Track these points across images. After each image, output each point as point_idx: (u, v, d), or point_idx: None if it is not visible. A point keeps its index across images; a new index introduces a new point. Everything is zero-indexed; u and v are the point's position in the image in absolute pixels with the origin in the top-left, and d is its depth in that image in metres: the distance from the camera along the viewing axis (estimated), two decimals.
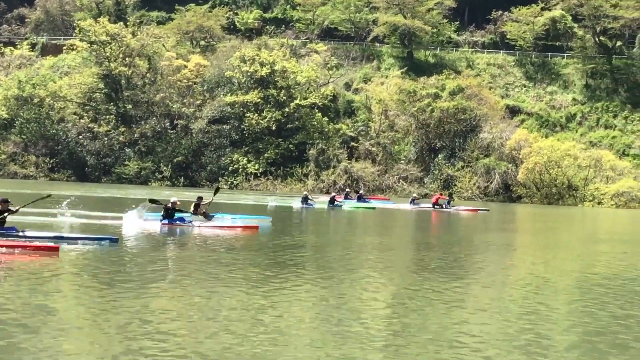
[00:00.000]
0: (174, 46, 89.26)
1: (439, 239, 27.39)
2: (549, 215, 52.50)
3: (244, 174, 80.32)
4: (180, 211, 26.11)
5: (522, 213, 57.94)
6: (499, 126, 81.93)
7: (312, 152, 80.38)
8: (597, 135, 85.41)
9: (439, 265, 17.56)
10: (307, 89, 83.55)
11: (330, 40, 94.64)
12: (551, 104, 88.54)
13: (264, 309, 10.50)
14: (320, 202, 49.11)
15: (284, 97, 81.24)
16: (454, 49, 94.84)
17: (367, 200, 54.52)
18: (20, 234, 18.20)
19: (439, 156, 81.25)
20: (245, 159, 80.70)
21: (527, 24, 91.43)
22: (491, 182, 78.88)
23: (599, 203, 76.12)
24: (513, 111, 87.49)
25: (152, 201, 26.62)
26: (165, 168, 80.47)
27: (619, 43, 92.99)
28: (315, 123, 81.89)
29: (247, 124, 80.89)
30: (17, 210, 18.87)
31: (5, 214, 18.45)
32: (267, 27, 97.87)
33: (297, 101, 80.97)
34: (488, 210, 53.18)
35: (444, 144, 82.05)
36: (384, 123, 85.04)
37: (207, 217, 27.64)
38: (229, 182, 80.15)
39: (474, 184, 78.69)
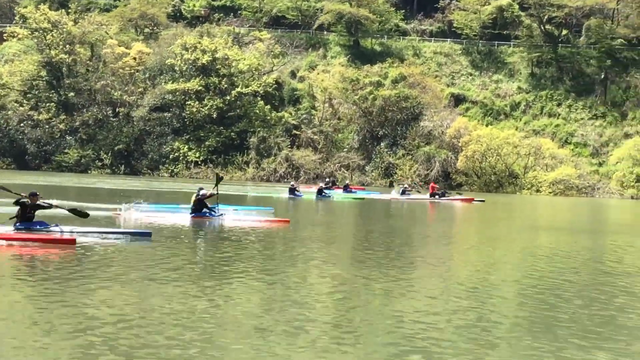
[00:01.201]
0: (117, 33, 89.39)
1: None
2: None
3: (184, 162, 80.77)
4: (205, 204, 25.77)
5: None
6: (440, 114, 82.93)
7: (253, 140, 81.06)
8: (540, 123, 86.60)
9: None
10: (251, 77, 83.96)
11: (278, 28, 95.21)
12: (496, 93, 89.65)
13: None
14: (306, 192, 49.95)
15: (226, 85, 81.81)
16: (401, 37, 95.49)
17: (353, 190, 54.78)
18: (53, 228, 17.88)
19: (381, 144, 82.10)
20: (187, 146, 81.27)
21: (474, 13, 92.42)
22: (431, 170, 79.83)
23: (537, 191, 77.34)
24: (458, 99, 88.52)
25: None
26: (105, 156, 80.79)
27: (565, 32, 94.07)
28: (258, 111, 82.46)
29: (188, 112, 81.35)
30: (50, 206, 18.52)
31: (35, 210, 18.07)
32: (216, 14, 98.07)
33: (238, 89, 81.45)
34: (483, 200, 53.28)
35: (386, 132, 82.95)
36: (327, 111, 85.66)
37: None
38: (170, 170, 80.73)
39: (414, 171, 79.57)
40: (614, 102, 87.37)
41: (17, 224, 17.70)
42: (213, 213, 25.29)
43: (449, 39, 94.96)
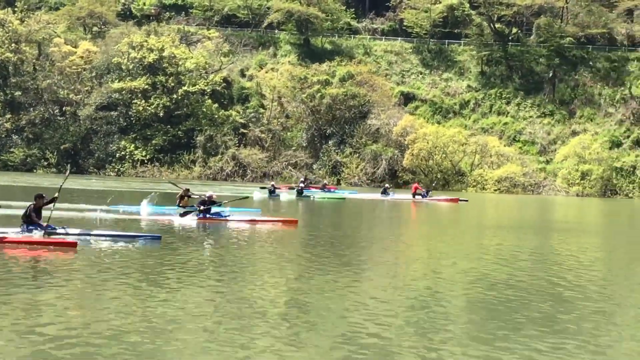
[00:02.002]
0: (65, 32, 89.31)
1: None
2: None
3: (130, 161, 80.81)
4: (214, 203, 25.64)
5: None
6: (387, 112, 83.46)
7: (200, 138, 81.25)
8: (489, 121, 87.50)
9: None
10: (199, 75, 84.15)
11: (228, 26, 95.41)
12: (446, 91, 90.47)
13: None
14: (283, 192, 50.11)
15: (173, 84, 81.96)
16: (352, 36, 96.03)
17: (331, 190, 54.98)
18: (60, 230, 17.73)
19: (329, 142, 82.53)
20: (133, 145, 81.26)
21: (425, 11, 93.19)
22: (378, 168, 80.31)
23: (482, 188, 78.03)
24: (408, 98, 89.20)
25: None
26: (50, 155, 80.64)
27: (515, 31, 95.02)
28: (205, 110, 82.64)
29: (135, 111, 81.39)
30: (51, 203, 18.28)
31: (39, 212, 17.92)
32: (167, 13, 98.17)
33: (185, 87, 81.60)
34: (467, 200, 53.59)
35: (334, 131, 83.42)
36: (276, 110, 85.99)
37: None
38: (116, 169, 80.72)
39: (361, 170, 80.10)
40: (562, 100, 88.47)
41: (25, 227, 17.58)
42: (221, 215, 25.14)
43: (399, 38, 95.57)
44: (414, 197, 52.11)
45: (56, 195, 18.11)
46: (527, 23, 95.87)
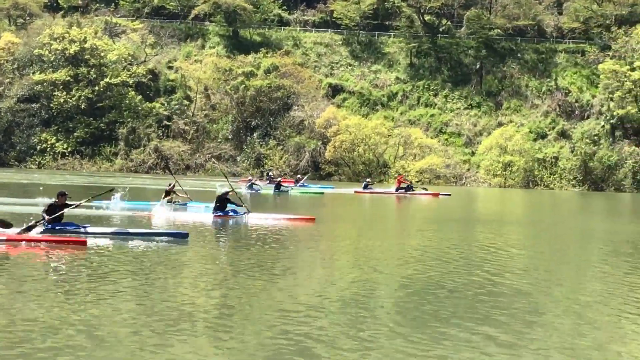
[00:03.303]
0: None
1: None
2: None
3: (52, 153, 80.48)
4: (229, 201, 25.41)
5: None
6: (311, 104, 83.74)
7: (122, 131, 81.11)
8: (416, 113, 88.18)
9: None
10: (123, 67, 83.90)
11: (157, 18, 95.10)
12: (374, 83, 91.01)
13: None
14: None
15: (95, 75, 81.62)
16: (282, 28, 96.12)
17: (305, 185, 54.84)
18: (82, 230, 17.63)
19: (254, 134, 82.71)
20: (55, 138, 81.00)
21: (356, 3, 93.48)
22: (301, 160, 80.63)
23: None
24: (336, 90, 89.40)
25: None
26: None
27: (446, 22, 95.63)
28: (128, 102, 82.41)
29: (56, 103, 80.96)
30: (77, 205, 18.47)
31: (64, 209, 17.96)
32: (95, 4, 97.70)
33: (107, 79, 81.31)
34: (449, 194, 53.58)
35: (259, 123, 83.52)
36: (201, 102, 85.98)
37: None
38: (37, 162, 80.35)
39: (284, 162, 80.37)
40: (490, 92, 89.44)
41: (47, 225, 17.49)
42: (237, 212, 24.98)
43: (329, 30, 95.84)
44: (397, 191, 52.02)
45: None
46: (458, 15, 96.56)
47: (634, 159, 79.00)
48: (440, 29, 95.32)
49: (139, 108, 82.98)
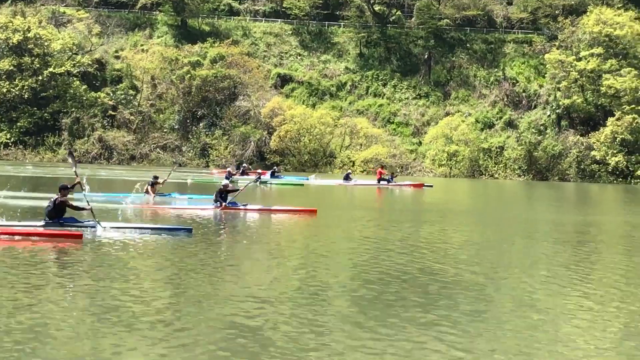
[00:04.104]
0: None
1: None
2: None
3: None
4: (228, 192, 25.32)
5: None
6: (257, 94, 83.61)
7: (65, 121, 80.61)
8: (365, 103, 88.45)
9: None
10: (69, 57, 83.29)
11: (106, 7, 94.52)
12: (324, 73, 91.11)
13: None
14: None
15: (38, 65, 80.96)
16: (232, 17, 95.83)
17: (280, 176, 54.56)
18: (87, 223, 17.51)
19: (200, 124, 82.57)
20: None
21: None
22: (246, 150, 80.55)
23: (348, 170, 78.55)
24: (285, 80, 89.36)
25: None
26: None
27: (397, 12, 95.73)
28: (73, 91, 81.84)
29: None
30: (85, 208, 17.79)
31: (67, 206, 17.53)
32: None
33: (51, 69, 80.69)
34: (432, 185, 53.39)
35: (205, 113, 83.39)
36: (149, 92, 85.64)
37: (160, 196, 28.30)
38: None
39: (230, 152, 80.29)
40: (438, 82, 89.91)
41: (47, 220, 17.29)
42: (238, 204, 24.95)
43: (280, 20, 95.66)
44: (378, 182, 51.89)
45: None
46: (408, 5, 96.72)
47: (578, 149, 79.76)
48: (391, 19, 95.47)
49: (84, 98, 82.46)
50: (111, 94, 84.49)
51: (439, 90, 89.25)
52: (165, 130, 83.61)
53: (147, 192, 28.84)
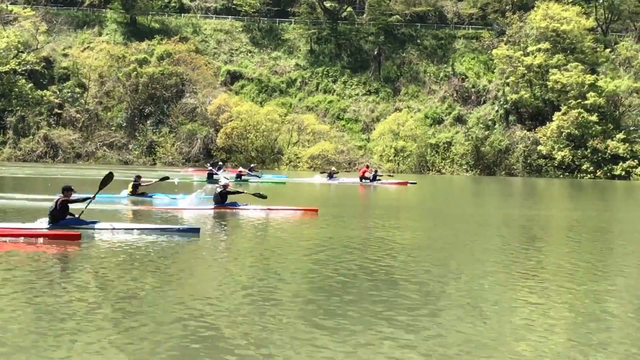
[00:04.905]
0: None
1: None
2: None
3: None
4: (229, 193, 24.58)
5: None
6: (204, 91, 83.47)
7: (10, 119, 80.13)
8: (315, 100, 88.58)
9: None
10: (14, 55, 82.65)
11: (54, 5, 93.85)
12: (274, 70, 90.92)
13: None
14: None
15: None
16: (183, 14, 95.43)
17: (258, 175, 53.23)
18: (96, 225, 17.02)
19: (148, 122, 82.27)
20: None
21: None
22: (193, 148, 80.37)
23: (294, 166, 78.66)
24: (235, 77, 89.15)
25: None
26: None
27: (348, 9, 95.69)
28: (18, 90, 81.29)
29: None
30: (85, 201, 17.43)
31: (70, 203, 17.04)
32: None
33: None
34: (415, 183, 52.89)
35: (152, 110, 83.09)
36: (96, 89, 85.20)
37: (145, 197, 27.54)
38: None
39: (176, 149, 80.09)
40: (388, 78, 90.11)
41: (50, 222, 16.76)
42: (237, 204, 24.38)
43: (230, 17, 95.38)
44: (361, 180, 51.13)
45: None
46: (360, 1, 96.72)
47: (524, 144, 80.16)
48: (342, 16, 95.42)
49: (29, 96, 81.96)
50: (58, 92, 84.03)
51: (388, 86, 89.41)
52: (112, 128, 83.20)
53: (131, 192, 28.14)
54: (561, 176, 77.73)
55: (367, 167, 60.26)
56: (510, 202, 38.16)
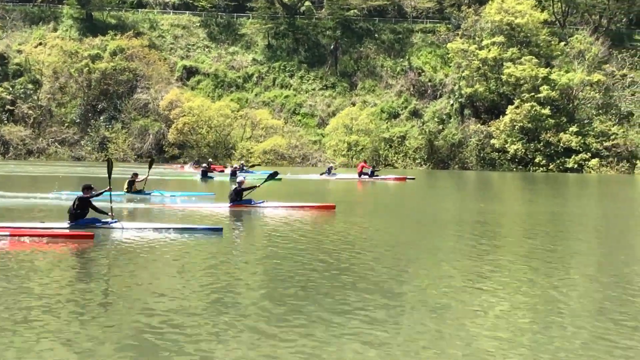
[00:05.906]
0: None
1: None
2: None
3: None
4: (244, 189, 24.67)
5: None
6: (156, 87, 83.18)
7: None
8: (271, 95, 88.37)
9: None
10: None
11: (9, 1, 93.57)
12: (231, 65, 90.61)
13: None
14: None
15: None
16: (139, 10, 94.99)
17: (250, 171, 53.02)
18: (116, 225, 17.40)
19: (100, 118, 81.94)
20: None
21: None
22: (145, 143, 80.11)
23: (246, 161, 78.19)
24: (191, 72, 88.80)
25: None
26: None
27: (307, 3, 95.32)
28: None
29: None
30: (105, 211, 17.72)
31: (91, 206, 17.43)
32: None
33: None
34: (414, 178, 52.77)
35: (105, 106, 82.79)
36: (49, 85, 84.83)
37: (143, 194, 27.66)
38: None
39: (128, 145, 79.76)
40: (345, 73, 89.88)
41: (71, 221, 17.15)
42: (252, 201, 24.50)
43: (188, 12, 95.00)
44: (359, 176, 51.19)
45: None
46: None
47: (478, 137, 79.95)
48: (301, 10, 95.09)
49: None
50: (10, 89, 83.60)
51: (345, 81, 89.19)
52: (65, 124, 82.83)
53: (127, 190, 28.20)
54: (514, 169, 77.52)
55: (365, 162, 60.28)
56: (457, 196, 38.30)
